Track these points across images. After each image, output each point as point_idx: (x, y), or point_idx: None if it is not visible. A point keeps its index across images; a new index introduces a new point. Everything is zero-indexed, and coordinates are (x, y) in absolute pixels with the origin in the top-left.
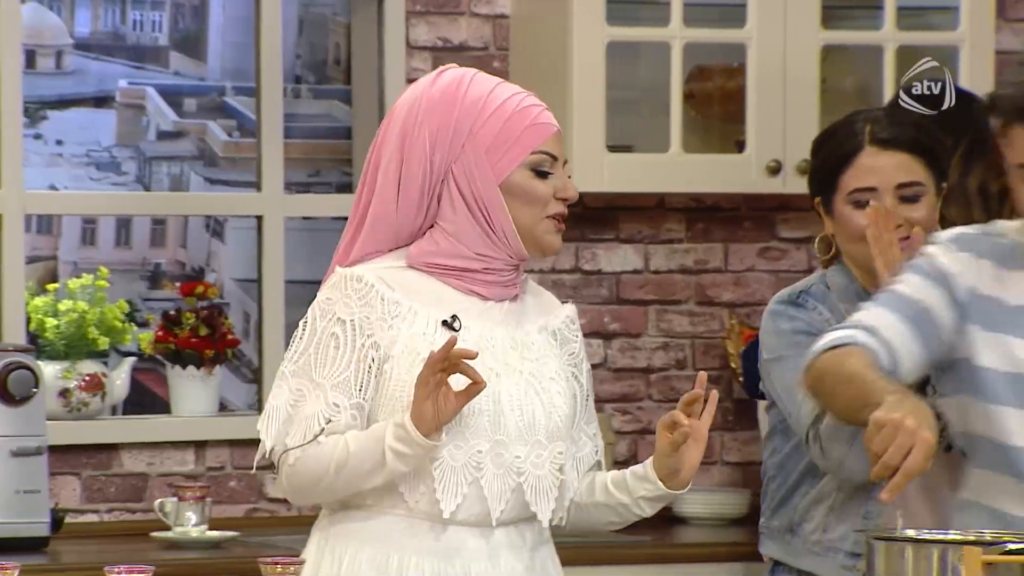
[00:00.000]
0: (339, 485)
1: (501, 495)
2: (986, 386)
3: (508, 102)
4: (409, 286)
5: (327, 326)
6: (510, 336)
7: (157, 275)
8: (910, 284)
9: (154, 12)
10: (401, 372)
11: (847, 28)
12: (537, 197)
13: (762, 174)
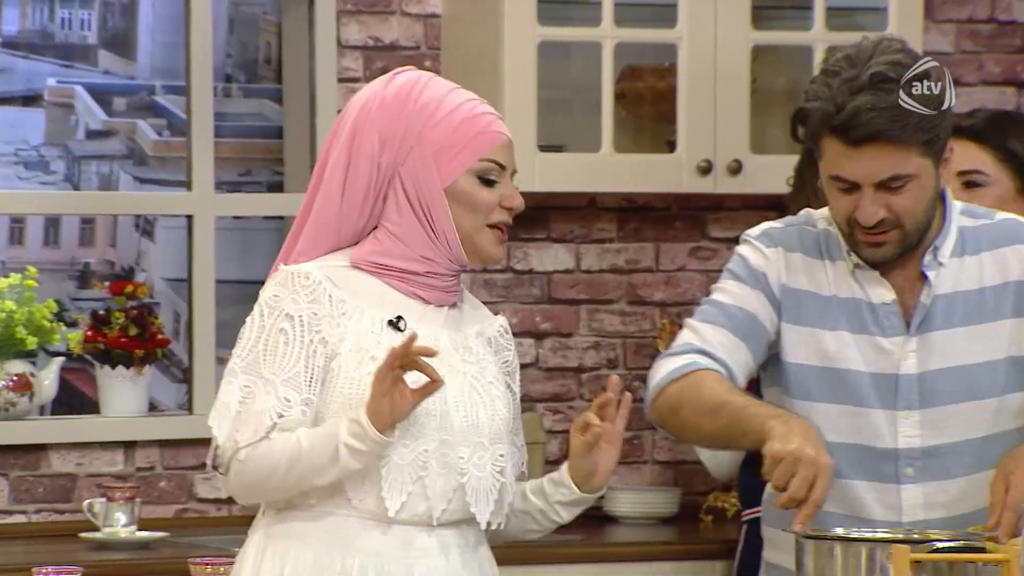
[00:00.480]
0: (290, 482)
1: (444, 495)
2: (797, 382)
3: (460, 108)
4: (353, 285)
5: (275, 322)
6: (451, 339)
7: (86, 275)
8: (731, 293)
9: (83, 10)
10: (349, 369)
11: (777, 28)
12: (481, 204)
13: (693, 174)
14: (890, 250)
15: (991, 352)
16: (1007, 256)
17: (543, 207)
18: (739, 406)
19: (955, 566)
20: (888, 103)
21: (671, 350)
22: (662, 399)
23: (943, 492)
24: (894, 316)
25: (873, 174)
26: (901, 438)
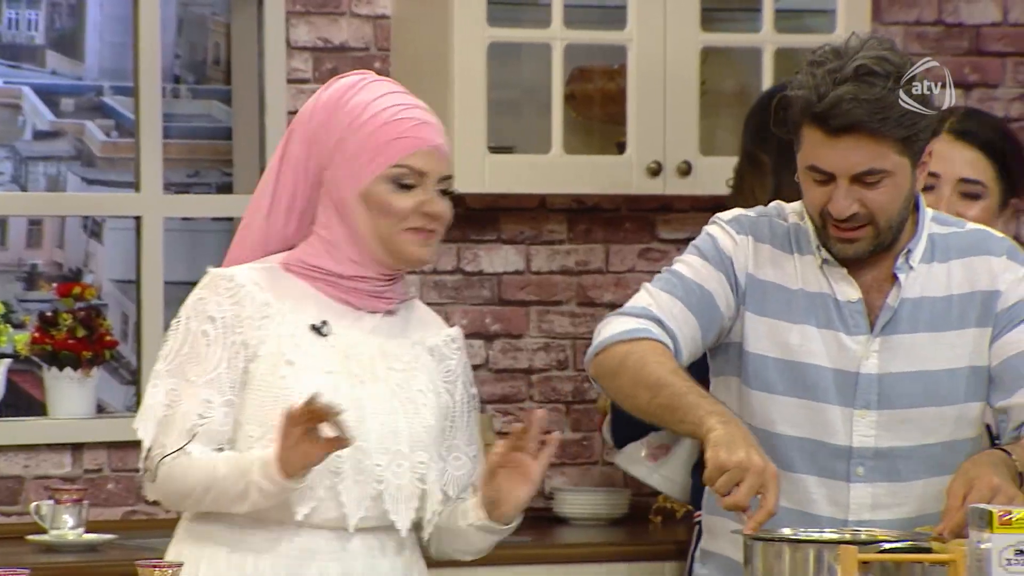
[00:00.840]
0: (205, 504)
1: (360, 502)
2: (757, 373)
3: (384, 112)
4: (282, 288)
5: (198, 325)
6: (379, 346)
7: (34, 276)
8: (693, 268)
9: (30, 11)
10: (265, 373)
11: (726, 30)
12: (391, 210)
13: (643, 175)
14: (862, 247)
15: (953, 360)
16: (976, 266)
17: (493, 208)
18: (680, 391)
19: (902, 566)
20: (870, 95)
21: (624, 310)
22: (606, 356)
23: (892, 495)
24: (859, 315)
25: (850, 166)
26: (856, 436)
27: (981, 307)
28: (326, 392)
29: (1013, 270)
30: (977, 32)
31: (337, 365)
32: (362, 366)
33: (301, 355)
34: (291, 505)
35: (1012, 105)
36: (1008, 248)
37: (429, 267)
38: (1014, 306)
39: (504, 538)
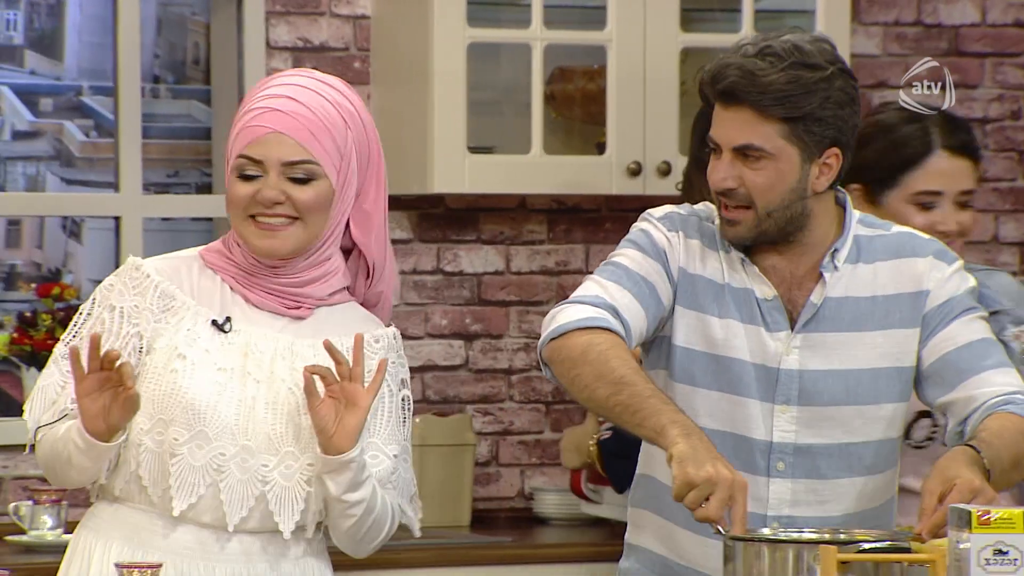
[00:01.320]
0: (59, 474)
1: (243, 501)
2: (683, 366)
3: (251, 104)
4: (192, 281)
5: (99, 311)
6: (287, 345)
7: (13, 276)
8: (634, 259)
9: (9, 10)
10: (158, 366)
11: (706, 31)
12: (233, 200)
13: (622, 175)
14: (742, 231)
15: (876, 360)
16: (902, 268)
17: (473, 208)
18: (642, 393)
19: (882, 566)
20: (753, 68)
21: (578, 298)
22: (564, 343)
23: (812, 492)
24: (776, 312)
25: (731, 137)
26: (776, 432)
27: (908, 308)
28: (213, 389)
29: (940, 269)
30: (956, 33)
31: (232, 362)
32: (260, 365)
33: (195, 350)
34: (170, 499)
35: (991, 105)
36: (935, 249)
37: (409, 267)
38: (944, 303)
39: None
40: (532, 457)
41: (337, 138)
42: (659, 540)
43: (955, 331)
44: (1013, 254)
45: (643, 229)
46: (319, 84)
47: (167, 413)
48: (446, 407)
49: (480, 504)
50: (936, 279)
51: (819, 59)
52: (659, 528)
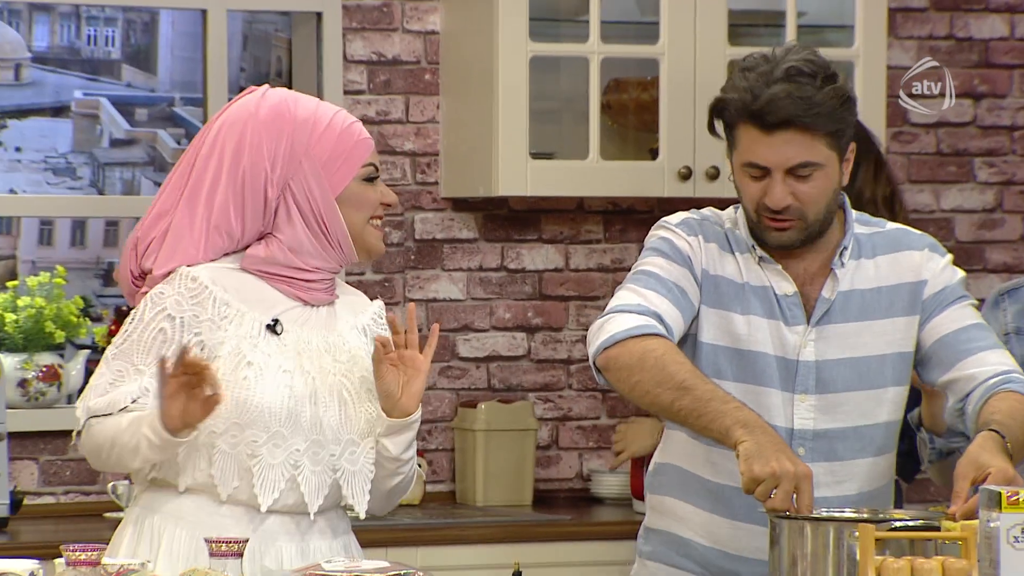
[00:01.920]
0: (113, 460)
1: (319, 490)
2: (709, 361)
3: (334, 120)
4: (240, 288)
5: (155, 318)
6: (324, 340)
7: (110, 273)
8: (663, 268)
9: (107, 27)
10: (227, 372)
11: (752, 44)
12: (368, 203)
13: (674, 179)
14: (793, 235)
15: (882, 347)
16: (900, 261)
17: (534, 210)
18: (704, 396)
19: (916, 543)
20: (802, 93)
21: (622, 307)
22: (620, 351)
23: (831, 474)
24: (796, 307)
25: (784, 159)
26: (797, 419)
27: (908, 297)
28: (283, 392)
29: (935, 261)
30: (986, 46)
31: (291, 363)
32: (312, 362)
33: (259, 355)
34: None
35: (1019, 114)
36: (928, 243)
37: (476, 265)
38: (940, 292)
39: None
40: (590, 441)
41: None
42: (679, 522)
43: (951, 316)
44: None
45: (664, 237)
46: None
47: (243, 417)
48: (510, 395)
49: (541, 485)
50: (932, 269)
51: (830, 68)
52: (682, 513)
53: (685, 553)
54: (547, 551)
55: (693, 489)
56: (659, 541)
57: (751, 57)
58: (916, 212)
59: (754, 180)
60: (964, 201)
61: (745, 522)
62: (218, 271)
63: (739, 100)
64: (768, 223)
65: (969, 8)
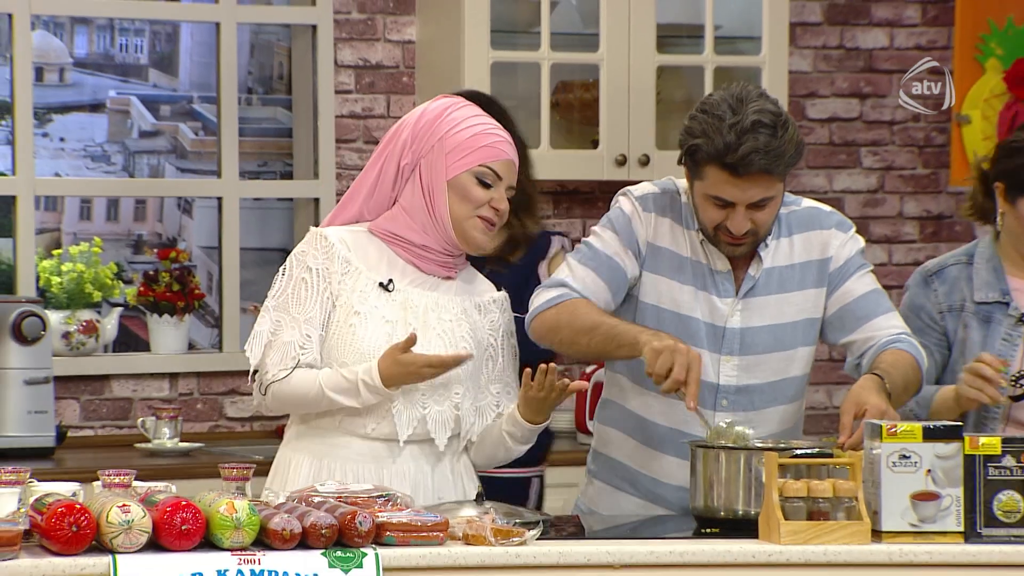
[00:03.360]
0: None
1: (408, 423)
2: (646, 319)
3: (478, 125)
4: (363, 248)
5: (299, 272)
6: (435, 300)
7: (140, 243)
8: (604, 240)
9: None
10: (339, 320)
11: (676, 52)
12: (472, 198)
13: (612, 165)
14: (746, 249)
15: (795, 314)
16: (812, 239)
17: None
18: (611, 325)
19: (812, 468)
20: (769, 147)
21: (546, 283)
22: (541, 320)
23: (747, 421)
24: (728, 282)
25: (749, 197)
26: (722, 377)
27: (817, 272)
28: (382, 339)
29: (840, 238)
30: (870, 54)
31: (396, 315)
32: (416, 316)
33: (367, 307)
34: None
35: (897, 111)
36: (836, 220)
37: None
38: (843, 265)
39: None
40: None
41: None
42: (619, 451)
43: (851, 286)
44: None
45: (622, 209)
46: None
47: (347, 359)
48: None
49: None
50: (835, 246)
51: (783, 114)
52: (618, 441)
53: (622, 476)
54: None
55: (626, 421)
56: (602, 463)
57: (712, 102)
58: (813, 193)
59: (717, 207)
60: (852, 183)
61: (665, 453)
62: (345, 232)
63: (713, 150)
64: (725, 239)
65: (856, 23)
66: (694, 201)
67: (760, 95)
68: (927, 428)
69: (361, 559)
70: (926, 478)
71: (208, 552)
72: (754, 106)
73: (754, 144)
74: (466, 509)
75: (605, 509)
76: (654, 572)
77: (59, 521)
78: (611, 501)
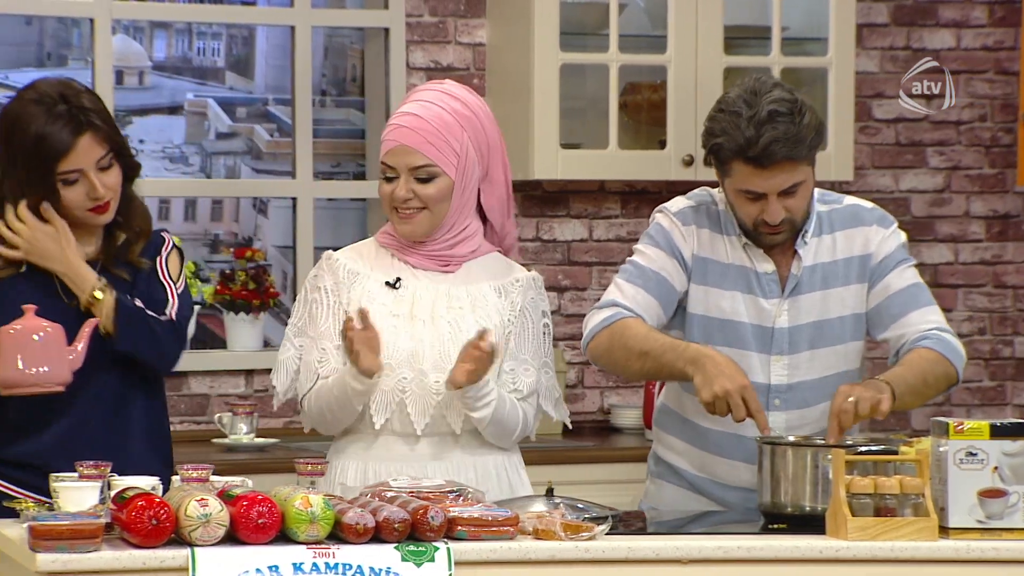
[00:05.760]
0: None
1: (425, 411)
2: (699, 330)
3: (391, 119)
4: (370, 258)
5: (311, 295)
6: (445, 292)
7: (216, 243)
8: (649, 257)
9: (214, 41)
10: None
11: (744, 54)
12: (381, 196)
13: (679, 165)
14: (784, 236)
15: (841, 310)
16: (854, 236)
17: (564, 191)
18: (657, 352)
19: (879, 464)
20: (788, 135)
21: (597, 305)
22: (595, 343)
23: (800, 418)
24: (773, 283)
25: (777, 186)
26: (773, 376)
27: (859, 267)
28: (388, 332)
29: (881, 234)
30: (937, 55)
31: (401, 309)
32: (424, 309)
33: (375, 304)
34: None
35: (963, 111)
36: (877, 216)
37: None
38: (882, 261)
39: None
40: (609, 381)
41: (453, 141)
42: (677, 456)
43: (890, 281)
44: None
45: (661, 225)
46: (439, 96)
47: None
48: None
49: (570, 417)
50: (876, 242)
51: (798, 99)
52: (676, 447)
53: (681, 478)
54: (575, 472)
55: (682, 426)
56: (663, 466)
57: (729, 99)
58: (879, 193)
59: (750, 201)
60: (918, 183)
61: (723, 457)
62: (352, 249)
63: (736, 146)
64: (765, 232)
65: (924, 24)
66: (728, 199)
67: (775, 85)
68: (994, 426)
69: (433, 553)
70: (993, 475)
71: (284, 545)
72: (769, 97)
73: (773, 134)
74: (536, 504)
75: (668, 508)
76: (722, 567)
77: (139, 515)
78: (673, 502)
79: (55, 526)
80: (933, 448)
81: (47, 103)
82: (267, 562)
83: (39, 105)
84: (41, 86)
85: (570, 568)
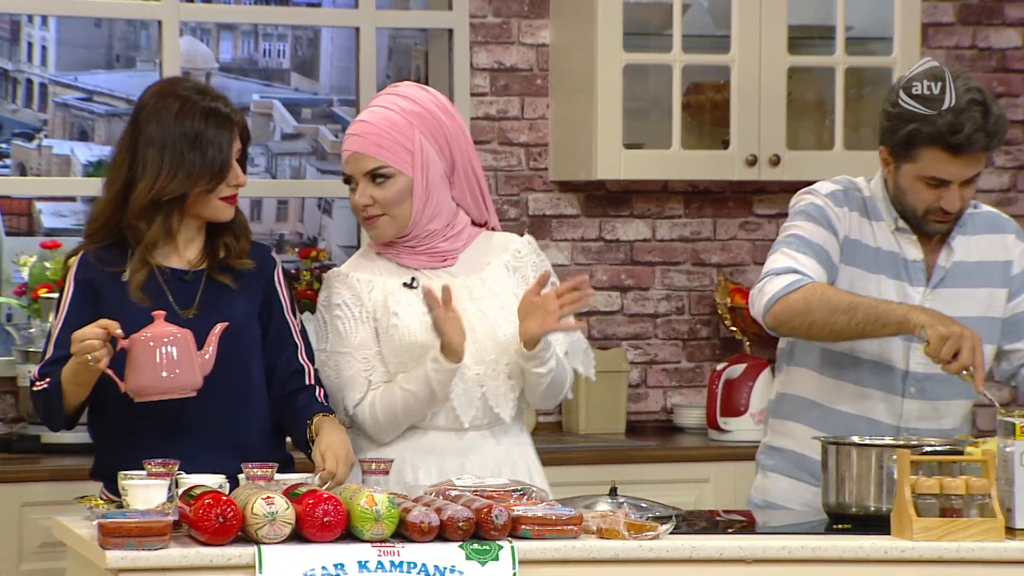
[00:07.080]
0: (410, 414)
1: (470, 404)
2: None
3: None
4: (373, 267)
5: (330, 313)
6: (460, 284)
7: (282, 243)
8: (811, 231)
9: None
10: (382, 326)
11: (808, 53)
12: (352, 205)
13: (742, 165)
14: (949, 226)
15: (980, 310)
16: (994, 241)
17: (627, 191)
18: (871, 304)
19: (944, 465)
20: (989, 127)
21: (773, 271)
22: (785, 305)
23: (934, 410)
24: (920, 271)
25: (965, 174)
26: (912, 364)
27: (999, 273)
28: (425, 331)
29: (1020, 246)
30: (1003, 54)
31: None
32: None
33: (401, 307)
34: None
35: None
36: (1015, 228)
37: (578, 236)
38: (1022, 272)
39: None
40: (672, 381)
41: (402, 139)
42: (796, 440)
43: None
44: None
45: (815, 203)
46: (390, 99)
47: (401, 357)
48: (606, 343)
49: (632, 417)
50: (1017, 253)
51: (983, 86)
52: (800, 433)
53: (802, 467)
54: (638, 471)
55: (808, 412)
56: (780, 457)
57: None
58: None
59: (930, 188)
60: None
61: None
62: (354, 261)
63: (935, 132)
64: (934, 219)
65: (990, 23)
66: (899, 185)
67: (959, 74)
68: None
69: (497, 552)
70: None
71: (349, 544)
72: (962, 84)
73: (974, 123)
74: (600, 504)
75: (780, 500)
76: (786, 567)
77: (207, 512)
78: (787, 492)
79: (124, 523)
80: (999, 448)
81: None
82: (333, 560)
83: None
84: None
85: (634, 567)
